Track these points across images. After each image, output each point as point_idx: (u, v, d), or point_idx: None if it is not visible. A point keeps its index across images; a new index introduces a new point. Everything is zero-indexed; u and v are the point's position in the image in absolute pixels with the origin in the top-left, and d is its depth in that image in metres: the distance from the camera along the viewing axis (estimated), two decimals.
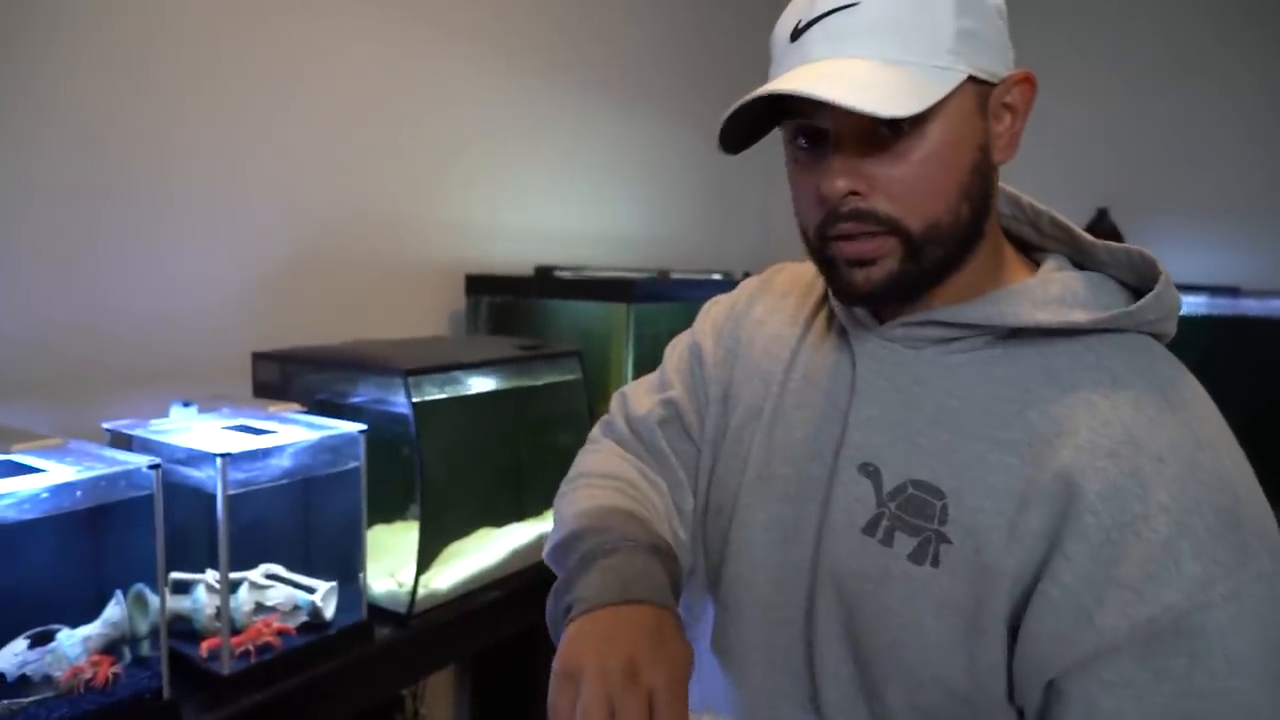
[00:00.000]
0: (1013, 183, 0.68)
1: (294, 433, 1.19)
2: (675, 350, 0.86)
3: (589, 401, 1.66)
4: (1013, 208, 0.69)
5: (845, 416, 0.66)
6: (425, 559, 1.35)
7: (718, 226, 2.94)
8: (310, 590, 1.22)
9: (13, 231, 1.27)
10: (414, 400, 1.30)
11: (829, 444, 0.67)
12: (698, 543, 0.78)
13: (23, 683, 0.94)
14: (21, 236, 1.28)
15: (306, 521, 1.32)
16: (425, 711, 2.00)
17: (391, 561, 1.39)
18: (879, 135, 0.57)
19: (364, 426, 1.23)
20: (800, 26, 0.59)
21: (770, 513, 0.70)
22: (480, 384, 1.47)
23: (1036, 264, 0.68)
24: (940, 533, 0.60)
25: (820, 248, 0.63)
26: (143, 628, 1.05)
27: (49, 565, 1.02)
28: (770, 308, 0.79)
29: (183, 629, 1.15)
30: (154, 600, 1.03)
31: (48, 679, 0.95)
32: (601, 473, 0.78)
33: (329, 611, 1.22)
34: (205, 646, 1.11)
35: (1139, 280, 0.64)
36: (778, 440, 0.71)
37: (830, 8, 0.57)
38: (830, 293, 0.70)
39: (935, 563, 0.60)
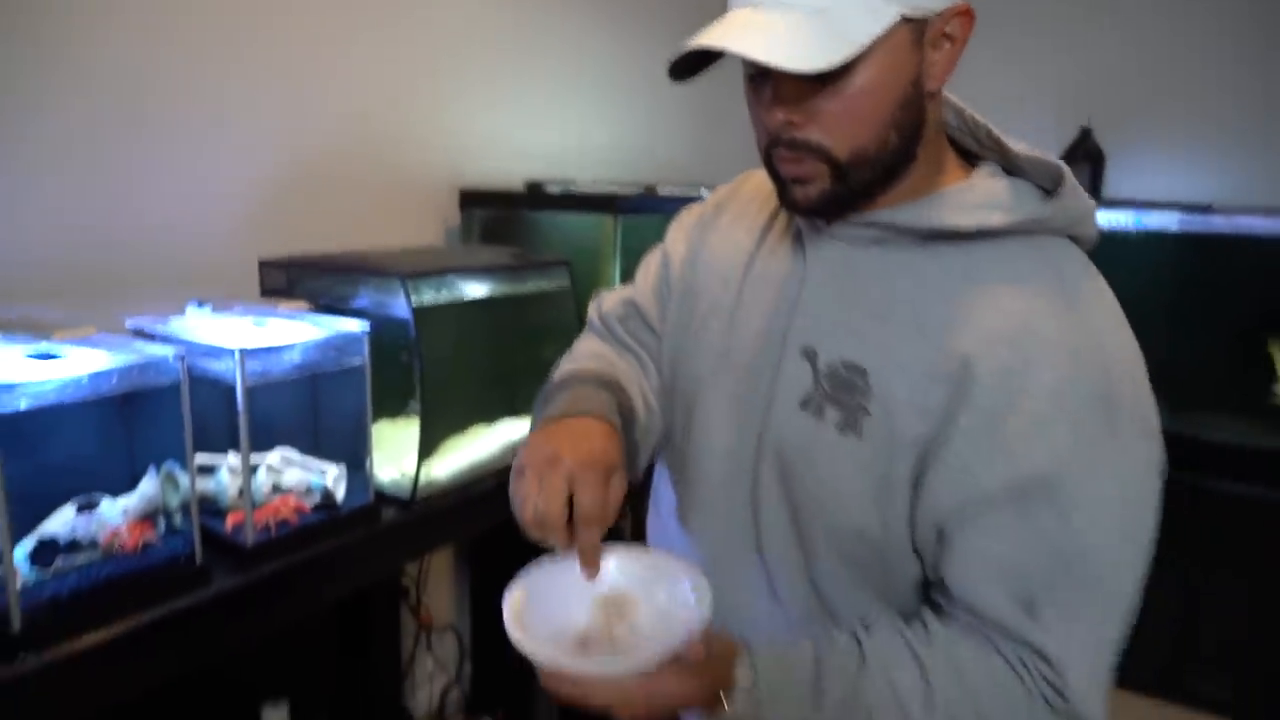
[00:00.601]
0: (1000, 102, 0.75)
1: (304, 330, 1.29)
2: (648, 256, 0.97)
3: (577, 310, 1.76)
4: (957, 119, 0.76)
5: (794, 307, 0.75)
6: (425, 450, 1.47)
7: (705, 143, 2.98)
8: (322, 473, 1.34)
9: (35, 145, 1.35)
10: (413, 303, 1.39)
11: (779, 331, 0.76)
12: (664, 420, 0.90)
13: (72, 545, 1.06)
14: (43, 150, 1.36)
15: (316, 414, 1.43)
16: (427, 599, 2.16)
17: (394, 453, 1.51)
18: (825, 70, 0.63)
19: (367, 324, 1.33)
20: None
21: (728, 393, 0.79)
22: (474, 290, 1.57)
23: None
24: (863, 407, 0.70)
25: (769, 164, 0.72)
26: (174, 501, 1.17)
27: (90, 444, 1.13)
28: (736, 214, 0.88)
29: (207, 508, 1.27)
30: (183, 478, 1.15)
31: (94, 542, 1.07)
32: (580, 352, 0.91)
33: (339, 493, 1.34)
34: (230, 520, 1.23)
35: (1055, 187, 0.72)
36: (737, 330, 0.80)
37: None
38: None
39: (857, 432, 0.70)
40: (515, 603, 0.65)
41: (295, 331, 1.28)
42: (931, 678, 0.65)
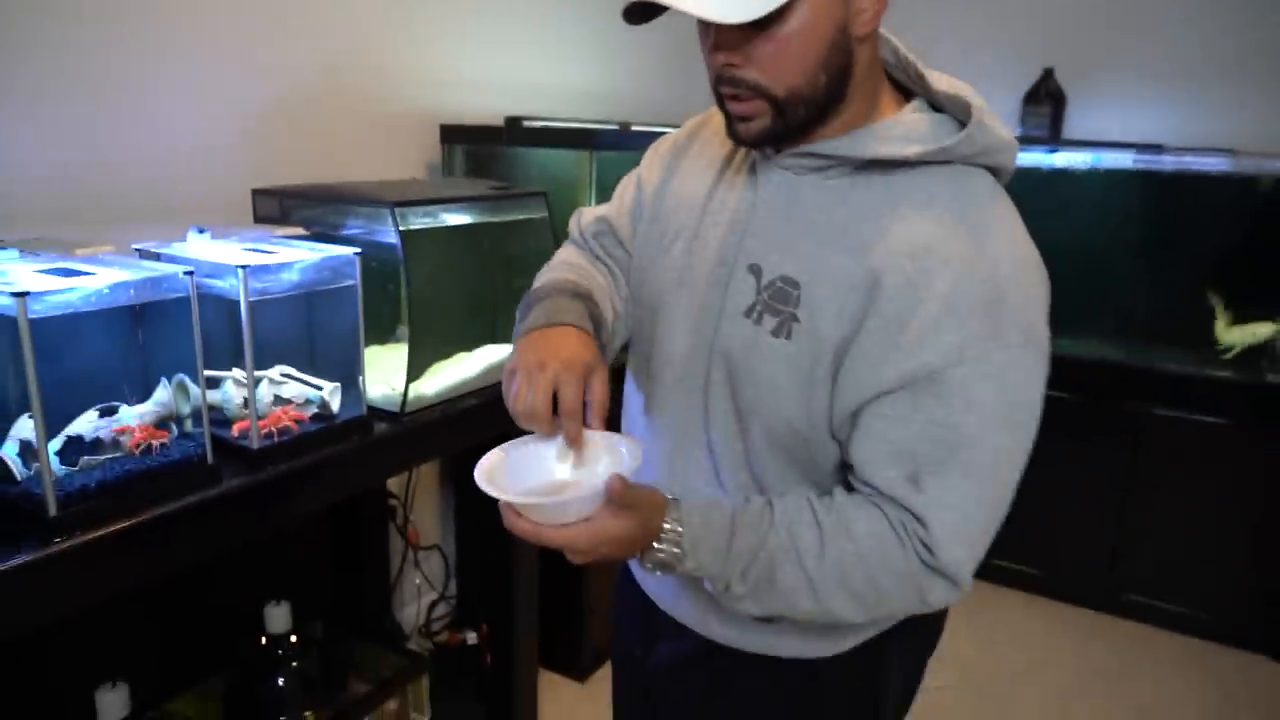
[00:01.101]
0: (965, 45, 0.81)
1: (299, 253, 1.39)
2: (625, 179, 1.08)
3: (555, 239, 1.86)
4: (894, 57, 0.84)
5: (745, 229, 0.86)
6: (413, 368, 1.58)
7: (678, 82, 3.05)
8: (318, 387, 1.44)
9: (33, 76, 1.41)
10: (400, 229, 1.49)
11: (731, 250, 0.86)
12: (631, 328, 1.02)
13: (96, 444, 1.17)
14: (41, 81, 1.42)
15: (312, 332, 1.53)
16: (414, 519, 2.29)
17: (385, 372, 1.62)
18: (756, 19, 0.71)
19: (359, 249, 1.43)
20: None
21: (686, 304, 0.90)
22: (456, 219, 1.66)
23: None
24: (794, 314, 0.80)
25: (718, 100, 0.81)
26: (186, 409, 1.27)
27: (110, 354, 1.23)
28: (704, 143, 0.97)
29: (214, 418, 1.38)
30: (194, 388, 1.25)
31: (115, 443, 1.18)
32: (558, 260, 1.03)
33: (335, 405, 1.45)
34: (236, 428, 1.34)
35: (967, 120, 0.80)
36: (696, 250, 0.90)
37: None
38: None
39: (789, 336, 0.81)
40: (490, 460, 0.78)
41: (292, 253, 1.37)
42: (825, 533, 0.78)
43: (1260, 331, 2.57)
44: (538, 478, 0.80)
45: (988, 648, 2.56)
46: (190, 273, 1.18)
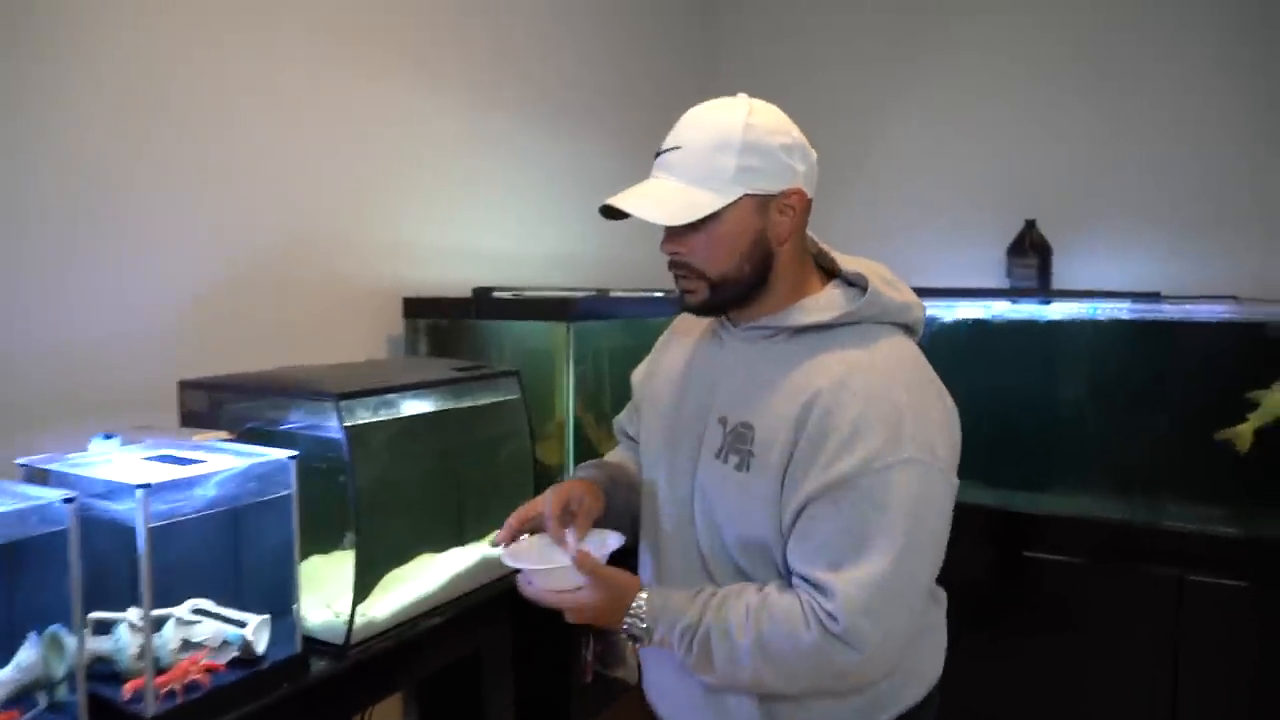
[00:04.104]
0: (951, 198, 0.83)
1: (221, 461, 1.16)
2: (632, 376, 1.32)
3: (529, 420, 1.65)
4: (816, 249, 1.09)
5: (714, 388, 1.07)
6: (363, 588, 1.32)
7: (655, 244, 2.95)
8: (240, 624, 1.18)
9: None
10: (346, 424, 1.27)
11: (705, 407, 1.08)
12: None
13: None
14: None
15: (237, 553, 1.28)
16: None
17: (330, 592, 1.36)
18: (691, 222, 0.97)
19: (295, 452, 1.20)
20: (657, 153, 1.01)
21: (672, 458, 1.11)
22: (415, 406, 1.45)
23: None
24: (750, 451, 1.00)
25: (674, 276, 1.06)
26: (59, 671, 1.00)
27: None
28: (677, 343, 1.21)
29: (105, 670, 1.10)
30: (70, 642, 0.99)
31: None
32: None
33: (261, 645, 1.18)
34: (129, 688, 1.06)
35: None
36: (680, 414, 1.11)
37: (670, 146, 0.99)
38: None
39: (748, 469, 1.00)
40: (519, 544, 1.07)
41: (212, 462, 1.15)
42: (750, 612, 0.96)
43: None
44: (551, 560, 1.03)
45: None
46: (70, 499, 0.95)
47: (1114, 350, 2.68)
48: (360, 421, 1.31)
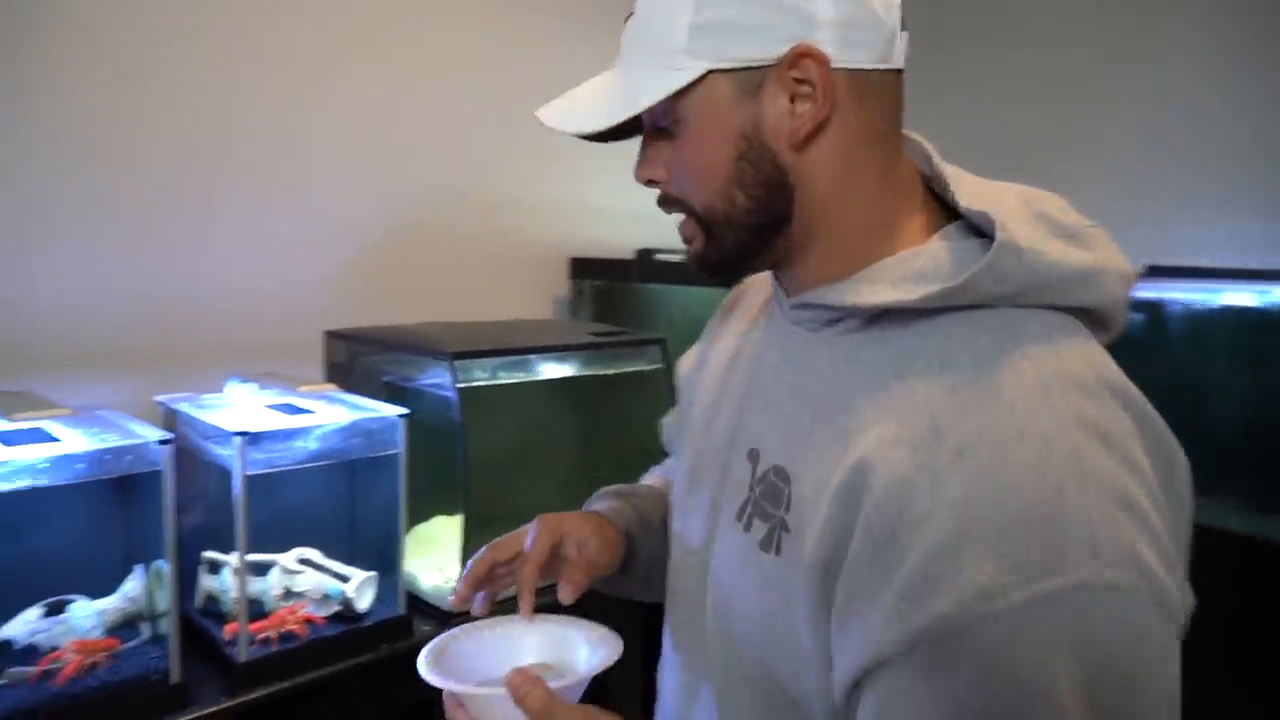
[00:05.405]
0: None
1: (331, 413, 1.15)
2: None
3: (671, 394, 1.53)
4: (929, 167, 0.61)
5: (747, 404, 0.66)
6: (470, 552, 1.27)
7: None
8: (344, 579, 1.17)
9: (91, 203, 1.31)
10: (460, 384, 1.22)
11: (734, 430, 0.66)
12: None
13: (31, 651, 0.94)
14: (101, 209, 1.31)
15: (352, 507, 1.28)
16: None
17: (445, 556, 1.33)
18: (659, 129, 0.61)
19: (405, 410, 1.17)
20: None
21: (689, 506, 0.70)
22: (543, 370, 1.38)
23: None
24: (783, 520, 0.57)
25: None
26: (162, 604, 1.03)
27: (68, 535, 1.02)
28: (737, 320, 0.77)
29: (215, 609, 1.13)
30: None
31: (54, 650, 0.94)
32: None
33: (362, 603, 1.17)
34: (228, 630, 1.08)
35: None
36: (709, 436, 0.70)
37: (629, 13, 0.61)
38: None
39: (778, 550, 0.57)
40: (434, 647, 0.68)
41: (321, 414, 1.14)
42: None
43: None
44: (496, 669, 0.66)
45: None
46: (167, 441, 0.96)
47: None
48: (476, 383, 1.26)
